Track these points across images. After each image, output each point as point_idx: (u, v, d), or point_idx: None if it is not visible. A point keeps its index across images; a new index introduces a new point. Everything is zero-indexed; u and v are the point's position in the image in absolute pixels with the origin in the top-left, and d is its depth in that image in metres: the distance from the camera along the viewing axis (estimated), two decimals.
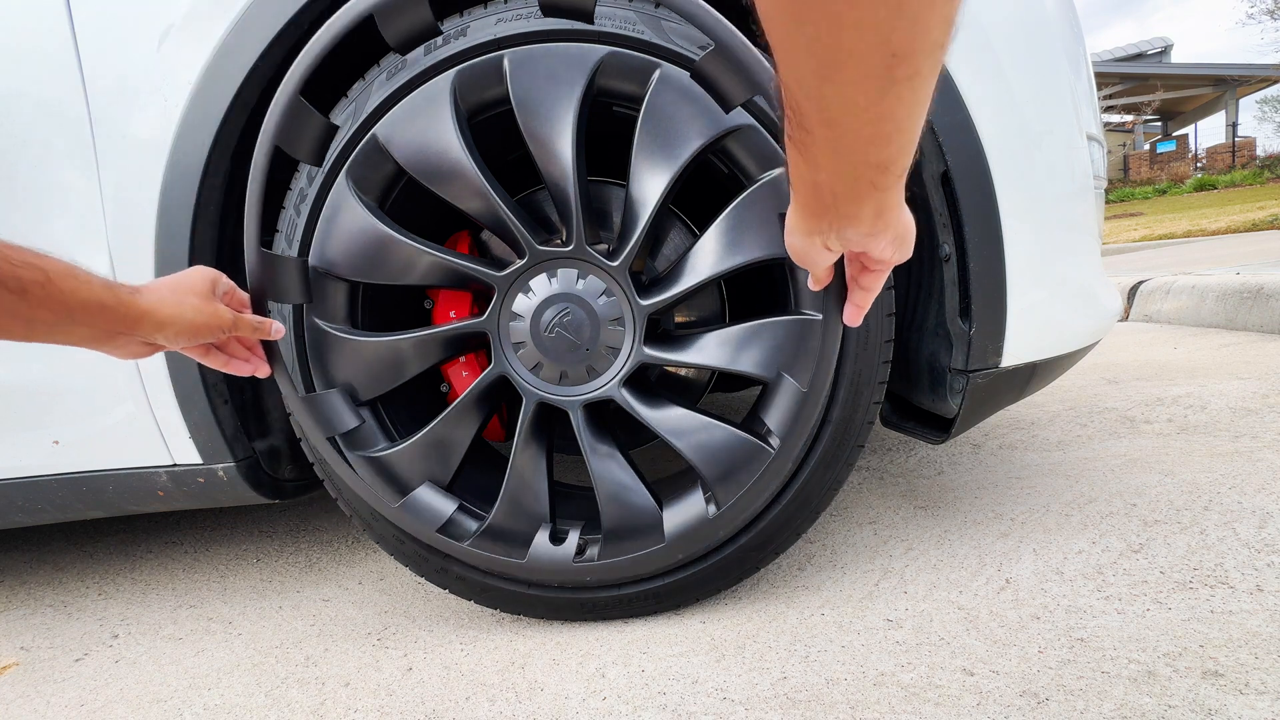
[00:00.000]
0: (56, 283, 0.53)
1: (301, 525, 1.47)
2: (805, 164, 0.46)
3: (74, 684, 0.93)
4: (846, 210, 0.49)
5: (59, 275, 0.53)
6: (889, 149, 0.42)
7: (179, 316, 0.64)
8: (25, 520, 1.03)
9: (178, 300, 0.64)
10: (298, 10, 0.80)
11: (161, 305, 0.62)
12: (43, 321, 0.53)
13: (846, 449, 0.84)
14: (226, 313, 0.69)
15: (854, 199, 0.48)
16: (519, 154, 0.92)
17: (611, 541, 0.86)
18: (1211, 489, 1.07)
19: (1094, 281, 0.93)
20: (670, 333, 0.93)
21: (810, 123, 0.42)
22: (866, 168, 0.44)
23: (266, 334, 0.75)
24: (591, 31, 0.78)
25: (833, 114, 0.40)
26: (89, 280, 0.56)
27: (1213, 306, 2.69)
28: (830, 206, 0.50)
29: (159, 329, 0.62)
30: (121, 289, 0.60)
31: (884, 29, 0.34)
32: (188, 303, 0.65)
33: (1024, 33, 0.81)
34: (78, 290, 0.55)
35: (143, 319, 0.61)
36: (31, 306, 0.52)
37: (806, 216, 0.52)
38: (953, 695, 0.68)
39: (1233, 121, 23.68)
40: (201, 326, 0.66)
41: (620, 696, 0.74)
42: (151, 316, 0.61)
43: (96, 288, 0.57)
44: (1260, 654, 0.67)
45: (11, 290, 0.50)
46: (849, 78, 0.37)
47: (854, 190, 0.47)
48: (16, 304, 0.50)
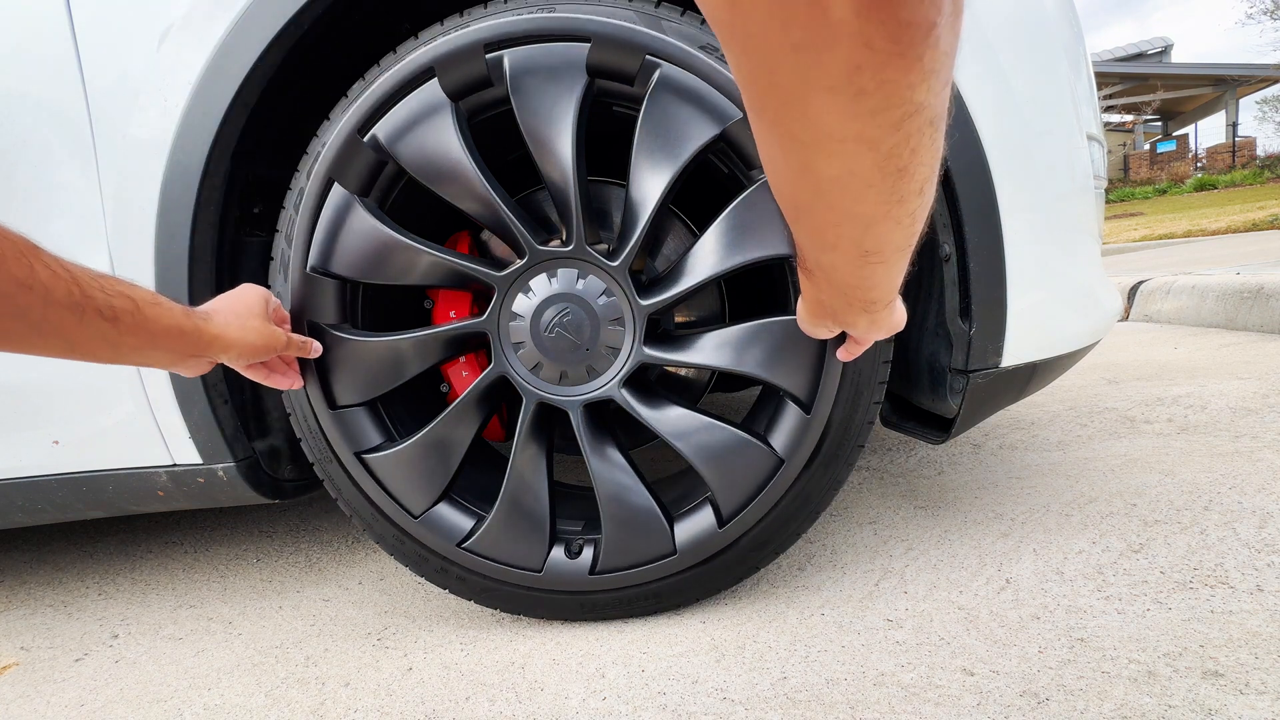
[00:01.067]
0: (144, 310, 0.58)
1: (301, 525, 1.47)
2: (811, 286, 0.60)
3: (74, 684, 0.93)
4: (844, 319, 0.63)
5: (145, 303, 0.58)
6: (873, 294, 0.56)
7: (243, 340, 0.70)
8: (25, 520, 1.03)
9: (242, 324, 0.70)
10: (297, 10, 0.80)
11: (228, 330, 0.68)
12: (128, 346, 0.58)
13: (846, 449, 0.84)
14: (281, 334, 0.76)
15: (849, 316, 0.62)
16: (519, 154, 0.92)
17: (613, 541, 0.86)
18: (1211, 489, 1.07)
19: (1094, 281, 0.93)
20: (670, 333, 0.93)
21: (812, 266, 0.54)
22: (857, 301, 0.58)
23: (308, 353, 0.83)
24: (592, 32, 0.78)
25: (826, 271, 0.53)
26: (170, 308, 0.61)
27: (1213, 306, 2.69)
28: (831, 315, 0.63)
29: (225, 351, 0.69)
30: (195, 315, 0.65)
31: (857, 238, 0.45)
32: (250, 325, 0.71)
33: (1024, 33, 0.81)
34: (161, 317, 0.60)
35: (213, 342, 0.67)
36: (121, 333, 0.56)
37: (812, 314, 0.66)
38: (953, 695, 0.68)
39: (1233, 121, 23.68)
40: (261, 348, 0.73)
41: (620, 696, 0.74)
42: (220, 340, 0.67)
43: (177, 315, 0.62)
44: (1260, 654, 0.67)
45: (106, 318, 0.54)
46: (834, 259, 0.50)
47: (849, 311, 0.60)
48: (109, 331, 0.55)
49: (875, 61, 0.31)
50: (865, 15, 0.29)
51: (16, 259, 0.47)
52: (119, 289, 0.56)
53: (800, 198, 0.44)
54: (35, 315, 0.49)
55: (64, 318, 0.51)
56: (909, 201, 0.41)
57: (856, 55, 0.31)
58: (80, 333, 0.53)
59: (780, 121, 0.37)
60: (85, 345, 0.54)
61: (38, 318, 0.49)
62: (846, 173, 0.38)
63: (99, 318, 0.53)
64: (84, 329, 0.53)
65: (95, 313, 0.53)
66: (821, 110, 0.34)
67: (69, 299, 0.51)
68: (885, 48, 0.30)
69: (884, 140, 0.36)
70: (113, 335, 0.55)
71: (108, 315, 0.54)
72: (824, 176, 0.39)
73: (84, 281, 0.52)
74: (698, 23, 0.78)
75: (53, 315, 0.50)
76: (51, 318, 0.50)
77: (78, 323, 0.52)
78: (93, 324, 0.53)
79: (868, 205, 0.41)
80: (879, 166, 0.37)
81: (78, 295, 0.51)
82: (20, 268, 0.47)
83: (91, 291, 0.53)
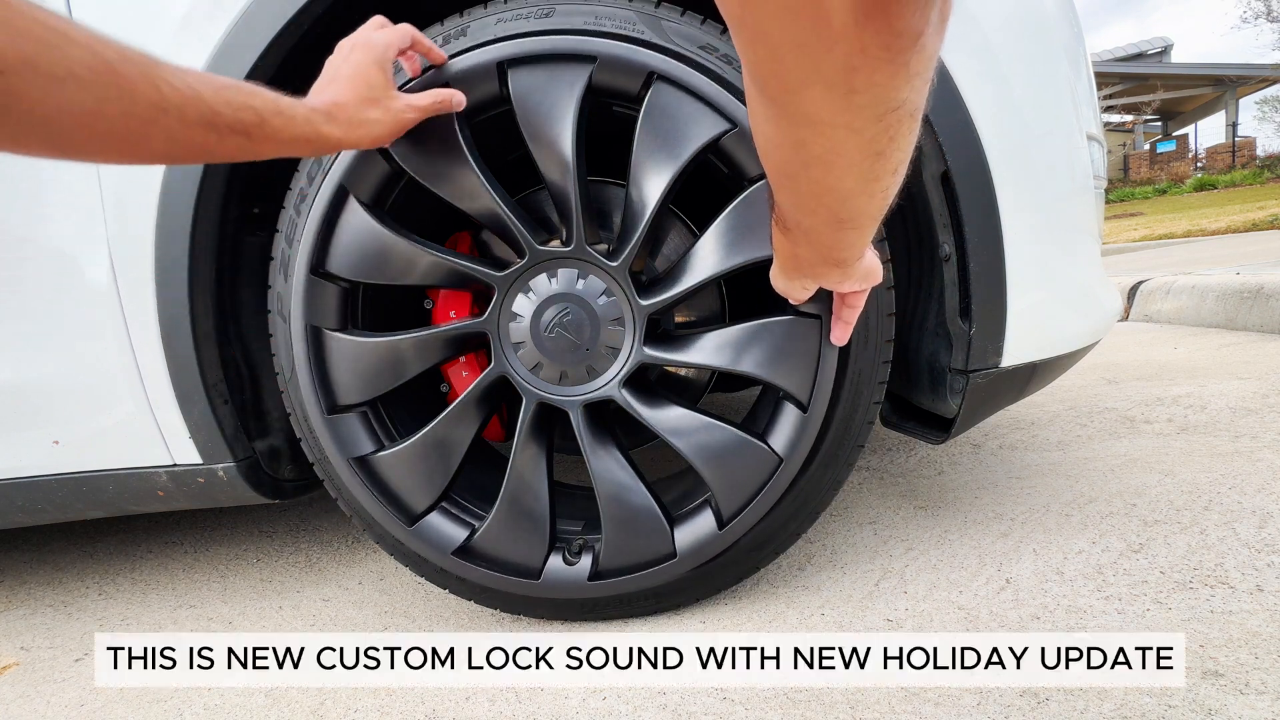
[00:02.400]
0: (269, 121, 0.58)
1: (301, 525, 1.47)
2: (788, 243, 0.62)
3: (74, 684, 0.93)
4: (818, 274, 0.67)
5: (269, 114, 0.58)
6: (847, 254, 0.60)
7: (371, 136, 0.70)
8: (25, 520, 1.03)
9: (363, 120, 0.68)
10: (297, 10, 0.80)
11: (350, 132, 0.68)
12: (268, 153, 0.60)
13: (846, 449, 0.84)
14: (409, 115, 0.73)
15: (823, 269, 0.65)
16: (519, 154, 0.92)
17: (614, 542, 0.86)
18: (1211, 489, 1.07)
19: (1094, 281, 0.93)
20: (670, 333, 0.93)
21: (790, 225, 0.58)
22: (831, 258, 0.62)
23: (450, 108, 0.78)
24: (592, 32, 0.78)
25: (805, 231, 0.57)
26: (292, 117, 0.61)
27: (1213, 306, 2.69)
28: (805, 270, 0.66)
29: (357, 145, 0.70)
30: (317, 120, 0.64)
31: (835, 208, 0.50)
32: (370, 117, 0.69)
33: (1024, 33, 0.81)
34: (286, 128, 0.60)
35: (340, 144, 0.68)
36: (256, 144, 0.58)
37: (787, 270, 0.68)
38: (953, 695, 0.68)
39: (1233, 121, 23.69)
40: (388, 136, 0.73)
41: (620, 696, 0.74)
42: (346, 142, 0.68)
43: (300, 124, 0.62)
44: (1260, 654, 0.67)
45: (239, 133, 0.56)
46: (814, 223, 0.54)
47: (823, 266, 0.64)
48: (244, 144, 0.57)
49: (868, 65, 0.34)
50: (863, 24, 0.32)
51: (145, 82, 0.47)
52: (241, 100, 0.56)
53: (788, 168, 0.48)
54: (179, 136, 0.51)
55: (205, 136, 0.53)
56: (884, 179, 0.46)
57: (853, 59, 0.34)
58: (222, 147, 0.55)
59: (778, 102, 0.41)
60: (231, 156, 0.57)
61: (183, 138, 0.51)
62: (832, 152, 0.42)
63: (233, 133, 0.55)
64: (224, 144, 0.55)
65: (229, 129, 0.54)
66: (816, 100, 0.38)
67: (201, 118, 0.52)
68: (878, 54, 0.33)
69: (867, 129, 0.40)
70: (250, 147, 0.57)
71: (240, 130, 0.55)
72: (812, 153, 0.43)
73: (209, 98, 0.52)
74: (698, 22, 0.78)
75: (196, 135, 0.52)
76: (196, 137, 0.52)
77: (218, 140, 0.54)
78: (230, 140, 0.55)
79: (848, 181, 0.45)
80: (861, 149, 0.42)
81: (209, 114, 0.52)
82: (150, 90, 0.47)
83: (219, 108, 0.53)
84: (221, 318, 0.94)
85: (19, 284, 0.89)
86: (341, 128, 0.66)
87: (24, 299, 0.89)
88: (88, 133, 0.45)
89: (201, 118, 0.52)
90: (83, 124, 0.45)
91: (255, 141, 0.57)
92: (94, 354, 0.90)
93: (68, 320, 0.89)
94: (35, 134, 0.43)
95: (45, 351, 0.91)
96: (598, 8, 0.78)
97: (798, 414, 0.82)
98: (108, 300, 0.88)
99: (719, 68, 0.77)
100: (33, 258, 0.89)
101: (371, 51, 0.70)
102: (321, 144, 0.65)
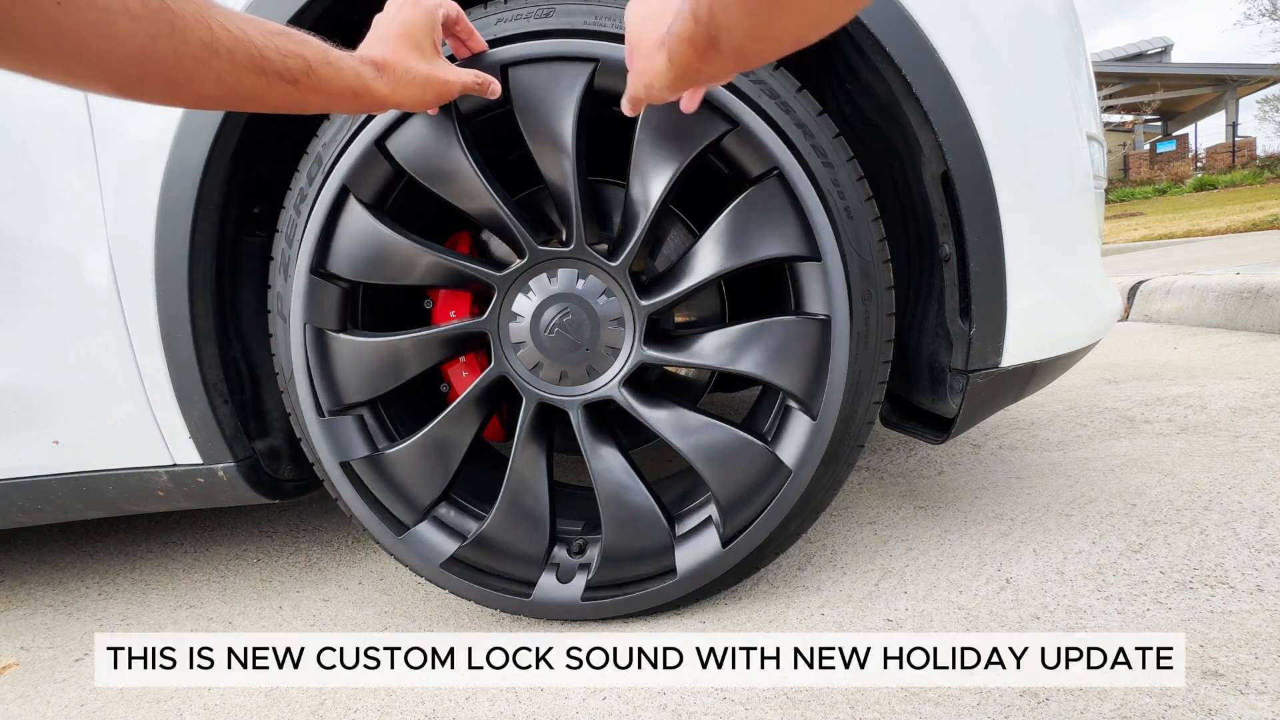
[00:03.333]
0: (317, 70, 0.57)
1: (301, 525, 1.47)
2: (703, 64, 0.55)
3: (74, 684, 0.93)
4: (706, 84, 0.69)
5: (318, 63, 0.58)
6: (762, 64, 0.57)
7: (415, 99, 0.70)
8: (25, 520, 1.03)
9: (410, 80, 0.68)
10: (297, 10, 0.80)
11: (397, 90, 0.67)
12: (314, 104, 0.60)
13: (846, 449, 0.84)
14: (455, 84, 0.73)
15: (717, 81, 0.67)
16: (519, 154, 0.92)
17: (612, 550, 0.86)
18: (1211, 489, 1.07)
19: (1094, 281, 0.93)
20: (670, 333, 0.93)
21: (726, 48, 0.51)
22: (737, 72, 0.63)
23: (486, 93, 0.77)
24: (593, 33, 0.78)
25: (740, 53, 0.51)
26: (340, 68, 0.60)
27: (1213, 306, 2.69)
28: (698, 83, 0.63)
29: (400, 106, 0.69)
30: (366, 73, 0.63)
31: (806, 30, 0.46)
32: (418, 78, 0.68)
33: (1024, 33, 0.81)
34: (334, 79, 0.59)
35: (387, 101, 0.67)
36: (303, 93, 0.57)
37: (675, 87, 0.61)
38: (953, 695, 0.68)
39: (1233, 121, 23.68)
40: (433, 101, 0.72)
41: (620, 696, 0.74)
42: (392, 99, 0.67)
43: (348, 76, 0.61)
44: (1260, 654, 0.67)
45: (286, 80, 0.55)
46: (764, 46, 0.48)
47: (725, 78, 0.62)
48: (291, 92, 0.56)
49: None
50: None
51: (197, 21, 0.47)
52: (290, 48, 0.55)
53: None
54: (228, 78, 0.50)
55: (254, 81, 0.52)
56: None
57: None
58: (270, 94, 0.54)
59: None
60: (277, 104, 0.56)
61: (231, 80, 0.51)
62: None
63: (280, 80, 0.54)
64: (271, 91, 0.54)
65: (277, 76, 0.54)
66: None
67: (251, 62, 0.52)
68: None
69: None
70: (296, 96, 0.57)
71: (288, 78, 0.55)
72: None
73: (259, 43, 0.52)
74: None
75: (244, 79, 0.52)
76: (244, 81, 0.52)
77: (266, 86, 0.54)
78: (277, 87, 0.54)
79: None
80: None
81: (258, 58, 0.52)
82: (203, 29, 0.47)
83: (268, 53, 0.53)
84: (221, 317, 0.94)
85: (19, 284, 0.89)
86: (389, 85, 0.66)
87: (24, 299, 0.89)
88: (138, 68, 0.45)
89: (251, 61, 0.51)
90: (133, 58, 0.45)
91: (302, 91, 0.57)
92: (94, 354, 0.90)
93: (68, 320, 0.89)
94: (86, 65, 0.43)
95: (45, 351, 0.91)
96: (598, 8, 0.78)
97: (797, 413, 0.82)
98: (108, 300, 0.88)
99: None
100: (33, 258, 0.89)
101: (421, 11, 0.70)
102: (369, 98, 0.64)
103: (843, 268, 0.79)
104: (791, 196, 0.78)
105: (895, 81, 0.78)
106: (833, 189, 0.78)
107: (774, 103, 0.77)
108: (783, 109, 0.77)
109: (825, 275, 0.79)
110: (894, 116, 0.86)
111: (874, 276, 0.80)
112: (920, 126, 0.79)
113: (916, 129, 0.80)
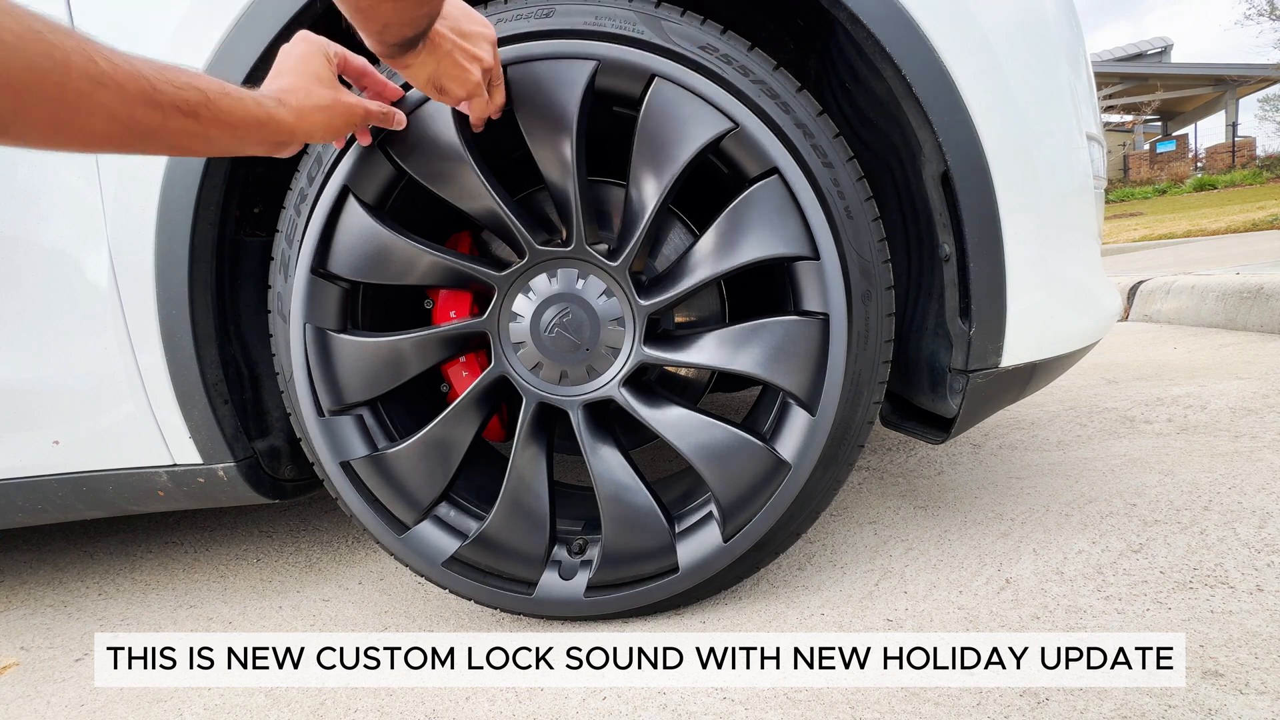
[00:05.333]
0: (216, 102, 0.55)
1: (301, 525, 1.47)
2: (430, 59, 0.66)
3: (74, 684, 0.93)
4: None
5: (216, 94, 0.56)
6: None
7: (324, 124, 0.68)
8: (25, 520, 1.03)
9: (315, 105, 0.67)
10: (297, 11, 0.80)
11: (304, 117, 0.65)
12: (219, 139, 0.57)
13: (846, 449, 0.84)
14: (359, 109, 0.72)
15: None
16: (519, 154, 0.92)
17: (613, 550, 0.86)
18: (1211, 489, 1.07)
19: (1094, 281, 0.93)
20: (670, 332, 0.93)
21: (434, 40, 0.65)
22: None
23: (390, 124, 0.77)
24: (593, 33, 0.78)
25: None
26: (241, 98, 0.58)
27: (1213, 306, 2.69)
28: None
29: (309, 136, 0.67)
30: (267, 102, 0.62)
31: None
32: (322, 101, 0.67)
33: (1024, 33, 0.81)
34: (234, 109, 0.57)
35: (294, 130, 0.65)
36: (205, 126, 0.55)
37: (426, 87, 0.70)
38: (953, 695, 0.68)
39: (1233, 121, 23.68)
40: (342, 128, 0.71)
41: (620, 696, 0.74)
42: (299, 128, 0.65)
43: (249, 105, 0.59)
44: (1260, 654, 0.67)
45: (185, 113, 0.53)
46: None
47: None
48: (192, 126, 0.54)
49: None
50: None
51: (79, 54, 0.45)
52: (184, 80, 0.53)
53: None
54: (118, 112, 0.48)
55: (148, 115, 0.50)
56: None
57: None
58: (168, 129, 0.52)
59: None
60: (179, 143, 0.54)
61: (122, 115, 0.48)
62: None
63: (178, 113, 0.52)
64: (169, 125, 0.52)
65: (173, 109, 0.52)
66: None
67: (142, 95, 0.49)
68: None
69: None
70: (198, 130, 0.54)
71: (185, 110, 0.53)
72: None
73: (150, 75, 0.50)
74: (698, 22, 0.78)
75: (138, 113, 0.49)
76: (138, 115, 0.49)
77: (163, 119, 0.51)
78: (175, 120, 0.52)
79: None
80: None
81: (150, 90, 0.50)
82: (85, 61, 0.45)
83: (160, 85, 0.51)
84: (221, 317, 0.94)
85: (19, 283, 0.89)
86: (293, 112, 0.64)
87: (24, 299, 0.89)
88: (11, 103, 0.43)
89: (142, 93, 0.49)
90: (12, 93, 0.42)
91: (204, 124, 0.54)
92: (94, 354, 0.90)
93: (68, 320, 0.89)
94: None
95: (45, 351, 0.91)
96: (598, 8, 0.78)
97: (807, 419, 0.82)
98: (108, 300, 0.88)
99: (719, 68, 0.77)
100: (33, 257, 0.89)
101: (313, 44, 0.70)
102: (274, 127, 0.62)
103: (842, 267, 0.79)
104: (791, 196, 0.78)
105: (895, 81, 0.78)
106: (832, 189, 0.78)
107: (774, 103, 0.77)
108: (782, 109, 0.78)
109: (824, 275, 0.79)
110: (894, 116, 0.86)
111: (874, 276, 0.80)
112: (920, 126, 0.79)
113: (916, 129, 0.80)
